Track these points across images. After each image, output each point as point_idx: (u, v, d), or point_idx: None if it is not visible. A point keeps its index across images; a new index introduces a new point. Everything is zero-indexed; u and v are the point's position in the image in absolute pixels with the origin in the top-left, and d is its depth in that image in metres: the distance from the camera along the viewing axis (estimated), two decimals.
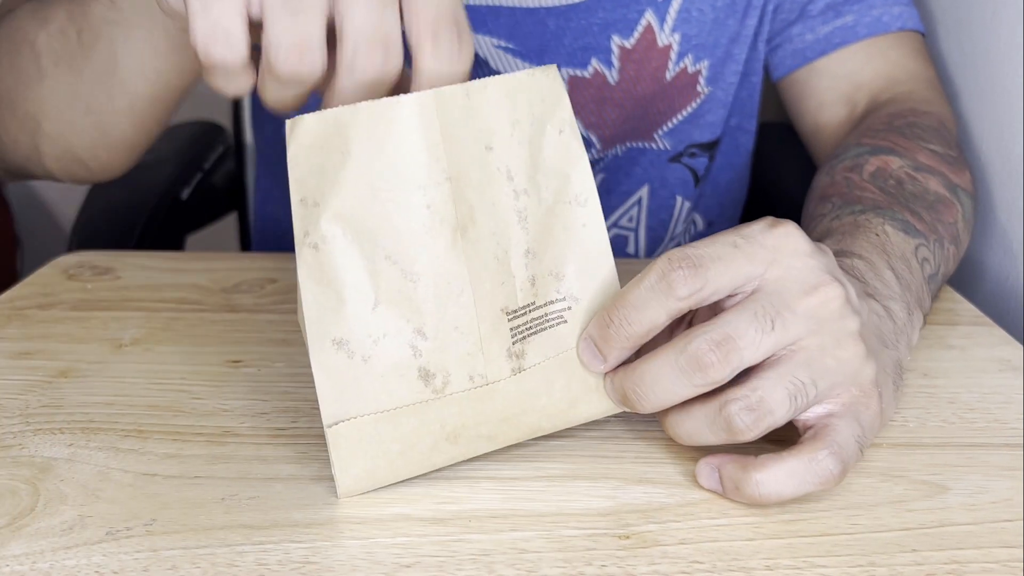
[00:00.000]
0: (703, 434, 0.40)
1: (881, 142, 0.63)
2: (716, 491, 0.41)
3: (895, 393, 0.44)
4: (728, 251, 0.39)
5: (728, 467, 0.40)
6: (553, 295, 0.42)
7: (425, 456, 0.40)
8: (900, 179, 0.59)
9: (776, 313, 0.39)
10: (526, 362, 0.41)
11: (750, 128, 0.82)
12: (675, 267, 0.39)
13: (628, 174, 0.79)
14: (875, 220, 0.54)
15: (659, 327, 0.40)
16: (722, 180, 0.84)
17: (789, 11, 0.75)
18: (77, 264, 0.65)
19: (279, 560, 0.36)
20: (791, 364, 0.39)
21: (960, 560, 0.37)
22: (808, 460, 0.38)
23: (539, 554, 0.37)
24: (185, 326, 0.56)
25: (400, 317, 0.39)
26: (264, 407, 0.47)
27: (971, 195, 0.62)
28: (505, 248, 0.40)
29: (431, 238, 0.39)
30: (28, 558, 0.36)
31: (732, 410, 0.38)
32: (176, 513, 0.39)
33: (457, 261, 0.39)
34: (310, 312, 0.38)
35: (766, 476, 0.39)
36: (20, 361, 0.52)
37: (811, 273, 0.40)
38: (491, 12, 0.71)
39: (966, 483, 0.42)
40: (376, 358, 0.39)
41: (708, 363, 0.38)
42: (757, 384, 0.38)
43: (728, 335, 0.38)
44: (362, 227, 0.38)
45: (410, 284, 0.39)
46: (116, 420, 0.46)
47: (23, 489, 0.40)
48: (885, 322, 0.45)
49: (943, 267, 0.56)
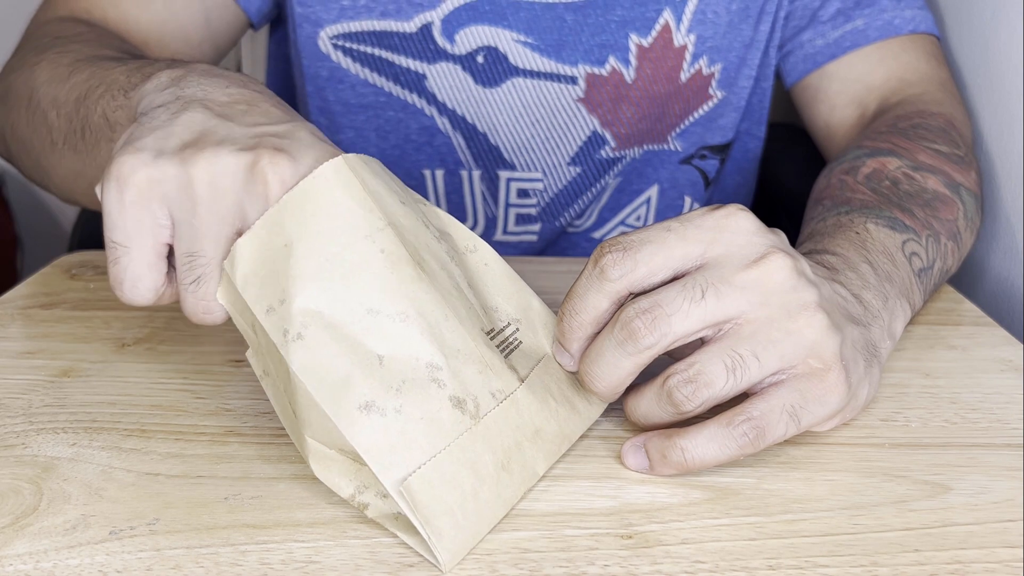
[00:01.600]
0: (654, 411, 0.41)
1: (881, 144, 0.64)
2: (643, 470, 0.42)
3: (868, 371, 0.44)
4: (660, 234, 0.41)
5: (653, 440, 0.41)
6: (499, 323, 0.43)
7: (495, 493, 0.38)
8: (896, 179, 0.59)
9: (708, 284, 0.40)
10: (521, 372, 0.42)
11: (759, 134, 0.83)
12: (605, 252, 0.40)
13: (641, 174, 0.79)
14: (858, 219, 0.54)
15: (604, 311, 0.41)
16: (730, 184, 0.84)
17: (800, 18, 0.76)
18: (79, 264, 0.65)
19: (282, 559, 0.36)
20: (732, 338, 0.40)
21: (963, 560, 0.37)
22: (725, 424, 0.40)
23: (542, 554, 0.37)
24: (187, 325, 0.56)
25: (408, 358, 0.38)
26: (267, 406, 0.47)
27: (975, 194, 0.62)
28: (455, 282, 0.41)
29: (397, 276, 0.39)
30: (31, 557, 0.36)
31: (672, 383, 0.40)
32: (179, 512, 0.39)
33: (429, 291, 0.39)
34: (323, 398, 0.37)
35: (689, 441, 0.40)
36: (23, 360, 0.52)
37: (754, 248, 0.41)
38: (512, 6, 0.71)
39: (968, 483, 0.42)
40: (407, 405, 0.38)
41: (636, 329, 0.39)
42: (695, 359, 0.40)
43: (656, 302, 0.39)
44: (333, 295, 0.38)
45: (401, 324, 0.39)
46: (119, 419, 0.46)
47: (26, 488, 0.40)
48: (851, 304, 0.45)
49: (939, 262, 0.56)
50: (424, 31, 0.72)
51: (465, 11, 0.71)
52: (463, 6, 0.71)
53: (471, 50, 0.72)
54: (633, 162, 0.78)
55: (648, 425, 0.42)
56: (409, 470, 0.37)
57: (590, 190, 0.78)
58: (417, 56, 0.73)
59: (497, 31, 0.72)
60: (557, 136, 0.75)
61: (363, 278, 0.38)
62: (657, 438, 0.41)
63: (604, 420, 0.46)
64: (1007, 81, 0.70)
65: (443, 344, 0.39)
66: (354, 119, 0.76)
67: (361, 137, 0.76)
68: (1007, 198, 0.70)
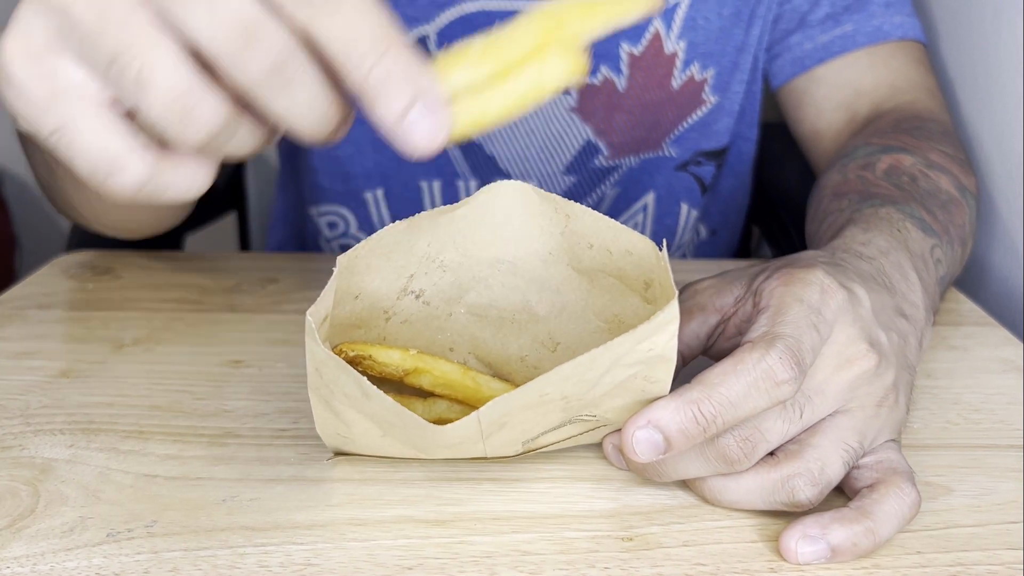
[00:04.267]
0: (754, 503, 0.39)
1: (892, 141, 0.63)
2: (819, 562, 0.37)
3: (907, 404, 0.44)
4: (814, 336, 0.38)
5: (835, 529, 0.37)
6: (582, 417, 0.40)
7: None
8: (914, 176, 0.59)
9: (806, 400, 0.39)
10: (536, 444, 0.41)
11: (752, 136, 0.82)
12: (785, 368, 0.37)
13: (638, 182, 0.79)
14: (896, 215, 0.53)
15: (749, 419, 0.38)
16: (726, 188, 0.84)
17: (789, 20, 0.75)
18: (77, 264, 0.65)
19: (280, 562, 0.36)
20: (840, 430, 0.39)
21: (965, 562, 0.37)
22: (900, 496, 0.38)
23: (542, 556, 0.37)
24: (186, 326, 0.56)
25: (397, 442, 0.41)
26: (265, 407, 0.47)
27: (976, 198, 0.62)
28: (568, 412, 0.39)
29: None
30: (29, 560, 0.36)
31: (797, 485, 0.38)
32: (177, 514, 0.39)
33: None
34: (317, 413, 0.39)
35: (878, 524, 0.37)
36: (20, 361, 0.51)
37: (851, 344, 0.40)
38: (506, 17, 0.70)
39: (970, 484, 0.42)
40: (367, 437, 0.41)
41: (735, 458, 0.38)
42: (817, 455, 0.38)
43: (756, 429, 0.38)
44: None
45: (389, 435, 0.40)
46: (117, 421, 0.46)
47: (23, 490, 0.40)
48: (910, 341, 0.44)
49: (951, 269, 0.56)
50: (420, 45, 0.72)
51: (460, 24, 0.71)
52: (458, 19, 0.71)
53: None
54: (630, 170, 0.78)
55: (729, 506, 0.40)
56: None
57: (586, 199, 0.78)
58: None
59: None
60: (552, 145, 0.75)
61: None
62: (841, 527, 0.37)
63: None
64: (1007, 82, 0.70)
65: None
66: (351, 131, 0.75)
67: (359, 150, 0.76)
68: (1006, 199, 0.70)
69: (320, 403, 0.39)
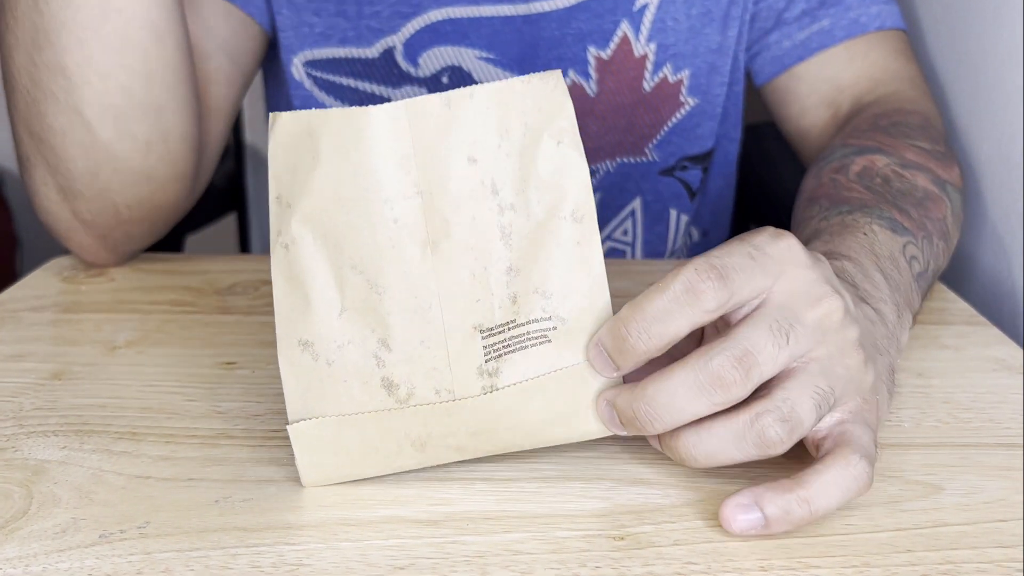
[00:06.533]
0: (727, 452, 0.38)
1: (867, 142, 0.63)
2: (756, 528, 0.38)
3: (889, 399, 0.44)
4: (747, 262, 0.38)
5: (768, 496, 0.37)
6: (537, 313, 0.40)
7: (390, 459, 0.40)
8: (887, 177, 0.59)
9: (790, 326, 0.38)
10: (500, 381, 0.40)
11: (736, 136, 0.83)
12: (703, 278, 0.37)
13: (622, 188, 0.79)
14: (863, 220, 0.54)
15: (679, 338, 0.39)
16: (714, 190, 0.84)
17: (765, 19, 0.75)
18: (71, 266, 0.65)
19: (273, 563, 0.36)
20: (810, 374, 0.39)
21: (955, 560, 0.37)
22: (843, 467, 0.38)
23: (533, 556, 0.37)
24: (179, 328, 0.56)
25: (365, 326, 0.39)
26: (258, 409, 0.47)
27: (959, 190, 0.63)
28: (484, 264, 0.39)
29: (397, 252, 0.38)
30: (21, 561, 0.36)
31: (766, 422, 0.37)
32: (170, 515, 0.39)
33: (425, 276, 0.39)
34: (280, 309, 0.39)
35: (813, 492, 0.37)
36: (13, 363, 0.51)
37: (814, 285, 0.40)
38: (472, 24, 0.71)
39: (960, 483, 0.42)
40: (339, 363, 0.39)
41: (730, 381, 0.37)
42: (786, 395, 0.38)
43: (748, 350, 0.37)
44: (328, 233, 0.38)
45: (376, 295, 0.39)
46: (109, 422, 0.46)
47: (16, 492, 0.40)
48: (878, 327, 0.45)
49: (932, 264, 0.57)
50: (386, 56, 0.72)
51: (426, 33, 0.71)
52: (424, 28, 0.71)
53: (435, 71, 0.72)
54: (609, 175, 0.78)
55: (707, 465, 0.39)
56: (310, 414, 0.39)
57: None
58: (381, 81, 0.72)
59: (460, 50, 0.71)
60: None
61: (360, 237, 0.38)
62: (773, 494, 0.37)
63: None
64: (998, 81, 0.70)
65: (408, 330, 0.39)
66: None
67: None
68: (994, 195, 0.70)
69: (289, 345, 0.39)
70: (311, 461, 0.40)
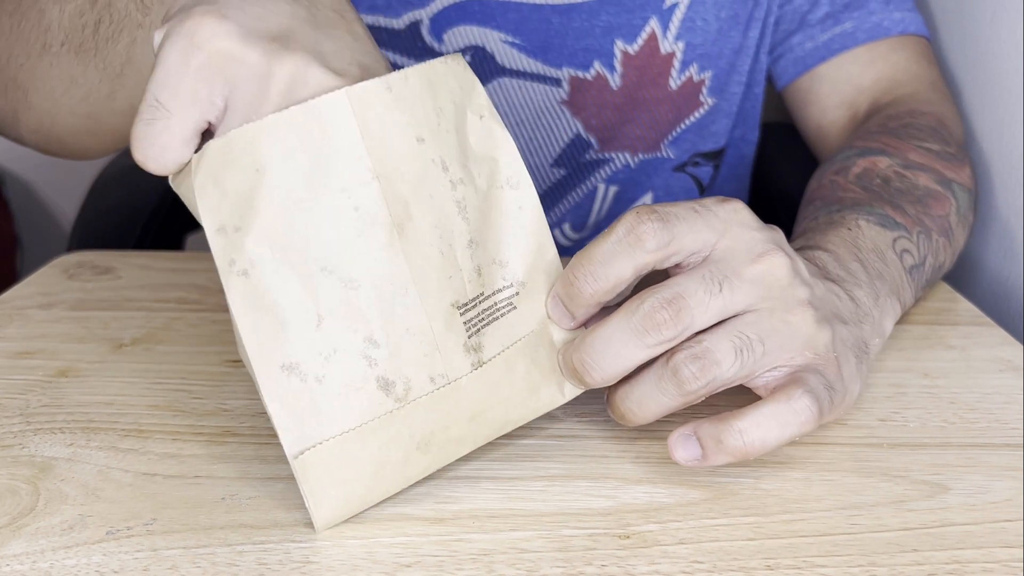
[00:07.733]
0: (653, 396, 0.39)
1: (872, 144, 0.64)
2: (694, 459, 0.39)
3: (859, 369, 0.44)
4: (691, 214, 0.40)
5: (705, 426, 0.39)
6: (499, 283, 0.41)
7: (399, 471, 0.39)
8: (887, 177, 0.59)
9: (724, 277, 0.39)
10: (485, 354, 0.40)
11: (752, 139, 0.83)
12: (643, 220, 0.39)
13: (636, 183, 0.80)
14: (849, 216, 0.54)
15: (625, 282, 0.40)
16: (725, 190, 0.84)
17: (790, 22, 0.76)
18: (77, 264, 0.65)
19: (279, 560, 0.36)
20: (738, 322, 0.40)
21: (961, 560, 0.37)
22: (785, 401, 0.39)
23: (539, 554, 0.37)
24: (185, 326, 0.56)
25: (347, 329, 0.37)
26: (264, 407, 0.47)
27: (969, 190, 0.62)
28: (449, 241, 0.39)
29: (364, 241, 0.37)
30: (28, 557, 0.36)
31: (679, 359, 0.39)
32: (176, 513, 0.39)
33: (396, 261, 0.38)
34: (250, 342, 0.36)
35: (747, 423, 0.38)
36: (20, 361, 0.52)
37: (757, 243, 0.41)
38: (500, 7, 0.71)
39: (967, 483, 0.42)
40: (330, 376, 0.37)
41: (660, 321, 0.38)
42: (703, 337, 0.39)
43: (678, 294, 0.39)
44: (289, 243, 0.36)
45: (352, 292, 0.37)
46: (116, 420, 0.46)
47: (23, 489, 0.40)
48: (844, 303, 0.45)
49: (931, 258, 0.57)
50: (412, 29, 0.72)
51: (454, 10, 0.71)
52: (452, 5, 0.71)
53: (459, 49, 0.72)
54: (627, 170, 0.78)
55: (640, 418, 0.41)
56: (311, 443, 0.37)
57: (574, 192, 0.78)
58: (405, 53, 0.73)
59: (485, 31, 0.72)
60: (541, 137, 0.75)
61: (324, 234, 0.37)
62: (708, 424, 0.39)
63: (601, 420, 0.46)
64: (1006, 80, 0.70)
65: (391, 320, 0.38)
66: None
67: None
68: (1003, 197, 0.70)
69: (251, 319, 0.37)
70: (323, 497, 0.37)
